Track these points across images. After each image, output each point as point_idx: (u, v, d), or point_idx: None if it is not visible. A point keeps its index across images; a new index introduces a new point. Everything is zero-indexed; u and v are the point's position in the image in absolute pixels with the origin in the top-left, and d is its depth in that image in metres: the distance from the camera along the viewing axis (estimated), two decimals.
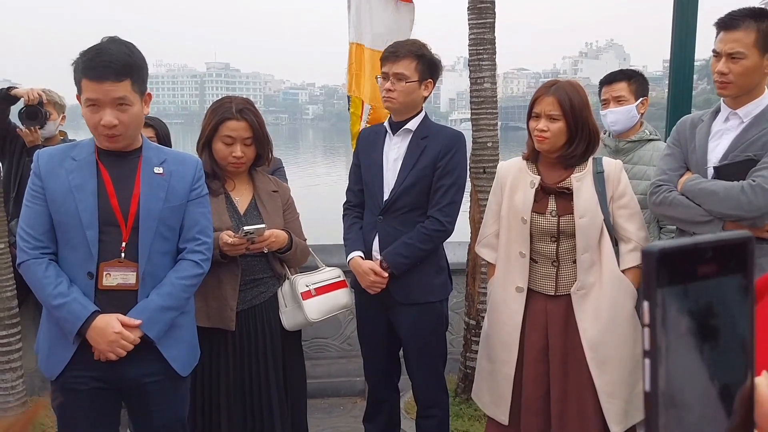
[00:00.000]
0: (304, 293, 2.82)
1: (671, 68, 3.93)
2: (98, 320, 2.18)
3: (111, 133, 2.20)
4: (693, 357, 0.44)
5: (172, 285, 2.30)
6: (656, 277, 0.43)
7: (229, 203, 2.79)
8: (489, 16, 3.85)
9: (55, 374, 2.27)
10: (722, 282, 0.45)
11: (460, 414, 3.87)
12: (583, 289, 2.65)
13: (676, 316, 0.43)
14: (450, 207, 2.95)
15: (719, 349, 0.45)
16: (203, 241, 2.39)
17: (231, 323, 2.68)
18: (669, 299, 0.43)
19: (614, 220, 2.69)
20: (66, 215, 2.21)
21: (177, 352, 2.36)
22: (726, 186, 2.51)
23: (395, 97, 2.96)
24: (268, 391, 2.78)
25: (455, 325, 4.28)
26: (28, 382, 3.84)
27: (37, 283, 2.22)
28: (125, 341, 2.20)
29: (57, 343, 2.26)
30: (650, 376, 0.43)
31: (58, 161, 2.26)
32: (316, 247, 3.36)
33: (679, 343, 0.43)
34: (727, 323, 0.45)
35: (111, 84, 2.14)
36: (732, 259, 0.45)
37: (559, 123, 2.63)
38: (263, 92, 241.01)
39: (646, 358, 0.43)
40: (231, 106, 2.75)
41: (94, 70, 2.14)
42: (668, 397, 0.43)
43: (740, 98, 2.61)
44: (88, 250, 2.21)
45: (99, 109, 2.17)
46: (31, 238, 2.22)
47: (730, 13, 2.57)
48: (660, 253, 0.43)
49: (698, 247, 0.44)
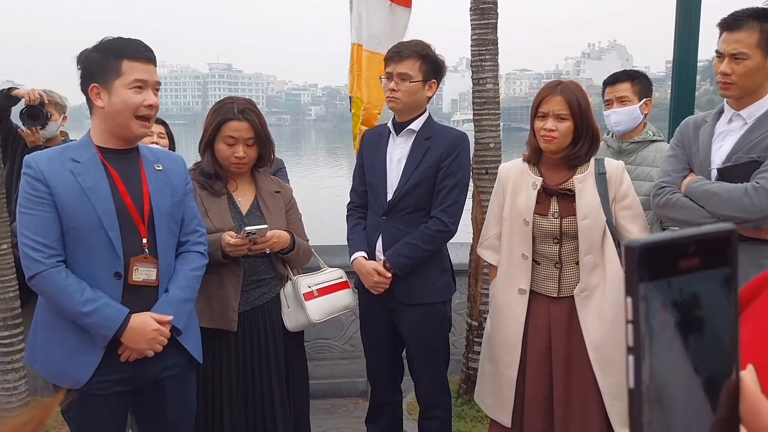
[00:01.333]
0: (306, 294, 2.82)
1: (674, 69, 3.93)
2: (134, 320, 2.20)
3: (150, 114, 2.26)
4: (677, 352, 0.43)
5: (188, 277, 2.36)
6: (638, 271, 0.42)
7: (231, 204, 2.79)
8: (491, 17, 3.85)
9: (81, 382, 2.20)
10: (706, 276, 0.44)
11: (462, 415, 3.87)
12: (586, 291, 2.64)
13: (659, 312, 0.43)
14: (453, 208, 2.94)
15: (704, 344, 0.44)
16: (202, 232, 2.48)
17: (233, 324, 2.69)
18: (652, 294, 0.42)
19: (617, 222, 2.68)
20: (83, 218, 2.17)
21: (194, 341, 2.44)
22: (729, 188, 2.50)
23: (399, 97, 2.96)
24: (270, 391, 2.78)
25: (457, 326, 4.27)
26: (30, 382, 3.84)
27: (61, 292, 2.15)
28: (162, 336, 2.25)
29: (79, 350, 2.21)
30: (634, 372, 0.42)
31: (60, 164, 2.21)
32: (319, 248, 3.35)
33: (664, 338, 0.43)
34: (711, 317, 0.44)
35: (154, 67, 2.28)
36: (715, 253, 0.45)
37: (567, 123, 2.63)
38: (266, 93, 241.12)
39: (630, 355, 0.43)
40: (233, 107, 2.75)
41: (141, 52, 2.24)
42: (653, 392, 0.43)
43: (744, 99, 2.60)
44: (111, 252, 2.19)
45: (143, 90, 2.23)
46: (44, 247, 2.15)
47: (734, 14, 2.56)
48: (642, 248, 0.42)
49: (681, 242, 0.44)
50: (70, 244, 2.20)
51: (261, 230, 2.63)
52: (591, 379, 2.61)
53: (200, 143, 2.83)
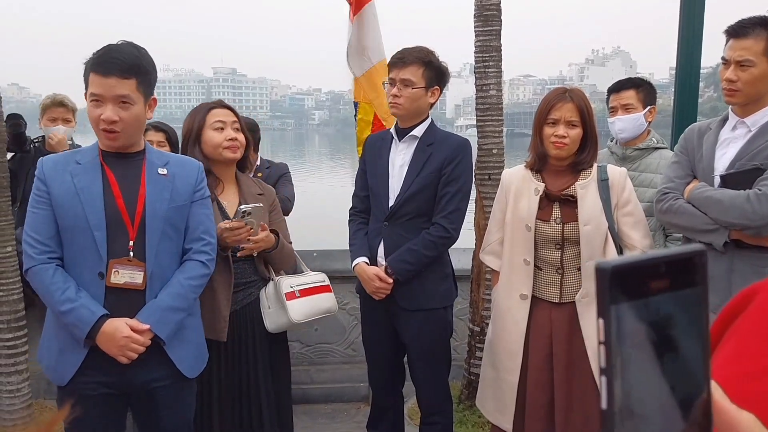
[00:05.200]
0: (288, 294, 2.79)
1: (677, 76, 3.94)
2: (107, 325, 2.18)
3: (110, 128, 2.21)
4: (650, 371, 0.44)
5: (181, 285, 2.31)
6: (609, 293, 0.43)
7: (219, 207, 2.78)
8: (495, 24, 3.86)
9: (65, 380, 2.26)
10: (676, 296, 0.45)
11: (463, 421, 3.86)
12: (588, 297, 2.64)
13: (631, 332, 0.43)
14: (455, 214, 2.95)
15: (676, 362, 0.45)
16: (208, 241, 2.41)
17: (222, 335, 2.67)
18: (623, 315, 0.43)
19: (619, 228, 2.69)
20: (73, 218, 2.21)
21: (184, 353, 2.36)
22: (732, 195, 2.51)
23: (401, 103, 2.96)
24: (258, 391, 2.78)
25: (459, 331, 4.28)
26: (33, 385, 3.85)
27: (45, 289, 2.22)
28: (135, 344, 2.20)
29: (66, 348, 2.26)
30: (606, 393, 0.43)
31: (63, 166, 2.27)
32: (321, 253, 3.39)
33: (636, 357, 0.43)
34: (682, 336, 0.45)
35: (116, 80, 2.18)
36: (685, 274, 0.45)
37: (577, 129, 2.64)
38: (269, 97, 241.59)
39: (603, 376, 0.43)
40: (209, 102, 2.89)
41: (102, 65, 2.19)
42: (627, 411, 0.43)
43: (748, 107, 2.61)
44: (96, 252, 2.21)
45: (101, 104, 2.20)
46: (38, 243, 2.22)
47: (740, 21, 2.57)
48: (613, 270, 0.43)
49: (651, 263, 0.44)
50: (64, 243, 2.25)
51: (256, 208, 2.60)
52: (592, 385, 2.61)
53: (183, 144, 2.83)
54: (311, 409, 4.35)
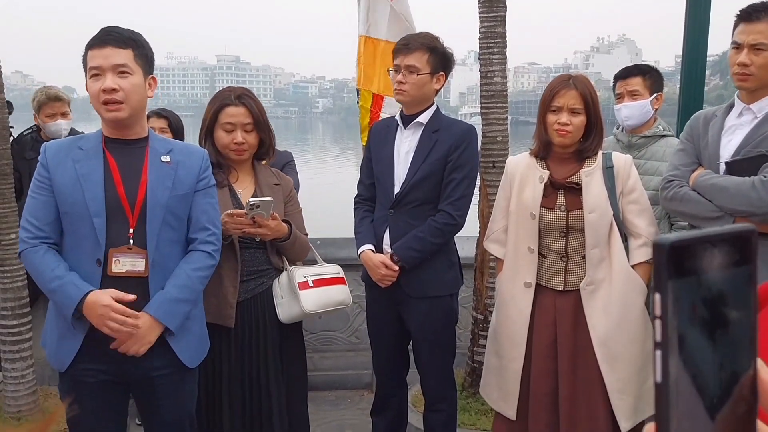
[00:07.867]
0: (301, 283, 2.77)
1: (683, 63, 3.91)
2: (90, 296, 2.16)
3: (111, 98, 2.20)
4: (702, 347, 0.45)
5: (188, 277, 2.30)
6: (667, 269, 0.43)
7: (232, 195, 2.78)
8: (500, 10, 3.84)
9: (64, 366, 2.27)
10: (728, 273, 0.46)
11: (467, 408, 3.87)
12: (593, 285, 2.64)
13: (685, 308, 0.44)
14: (461, 201, 2.94)
15: (725, 338, 0.46)
16: (213, 231, 2.40)
17: (230, 320, 2.66)
18: (679, 291, 0.44)
19: (624, 216, 2.68)
20: (74, 205, 2.21)
21: (185, 343, 2.36)
22: (737, 182, 2.50)
23: (406, 90, 2.95)
24: (267, 383, 2.76)
25: (463, 319, 4.27)
26: (38, 371, 3.87)
27: (35, 270, 2.24)
28: (115, 314, 2.14)
29: (65, 334, 2.26)
30: (662, 367, 0.44)
31: (66, 152, 2.27)
32: (326, 240, 3.39)
33: (689, 333, 0.44)
34: (732, 313, 0.46)
35: (112, 49, 2.20)
36: (738, 251, 0.46)
37: (581, 117, 2.63)
38: (273, 85, 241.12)
39: (658, 350, 0.44)
40: (230, 94, 2.78)
41: (98, 39, 2.22)
42: (680, 386, 0.44)
43: (756, 93, 2.60)
44: (95, 239, 2.20)
45: (101, 77, 2.21)
46: (33, 228, 2.23)
47: (753, 5, 2.56)
48: (671, 246, 0.44)
49: (707, 239, 0.45)
50: (65, 230, 2.25)
51: (265, 202, 2.59)
52: (596, 373, 2.61)
53: (200, 134, 2.83)
54: (315, 397, 4.35)
